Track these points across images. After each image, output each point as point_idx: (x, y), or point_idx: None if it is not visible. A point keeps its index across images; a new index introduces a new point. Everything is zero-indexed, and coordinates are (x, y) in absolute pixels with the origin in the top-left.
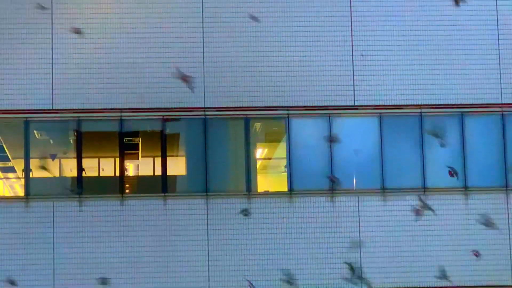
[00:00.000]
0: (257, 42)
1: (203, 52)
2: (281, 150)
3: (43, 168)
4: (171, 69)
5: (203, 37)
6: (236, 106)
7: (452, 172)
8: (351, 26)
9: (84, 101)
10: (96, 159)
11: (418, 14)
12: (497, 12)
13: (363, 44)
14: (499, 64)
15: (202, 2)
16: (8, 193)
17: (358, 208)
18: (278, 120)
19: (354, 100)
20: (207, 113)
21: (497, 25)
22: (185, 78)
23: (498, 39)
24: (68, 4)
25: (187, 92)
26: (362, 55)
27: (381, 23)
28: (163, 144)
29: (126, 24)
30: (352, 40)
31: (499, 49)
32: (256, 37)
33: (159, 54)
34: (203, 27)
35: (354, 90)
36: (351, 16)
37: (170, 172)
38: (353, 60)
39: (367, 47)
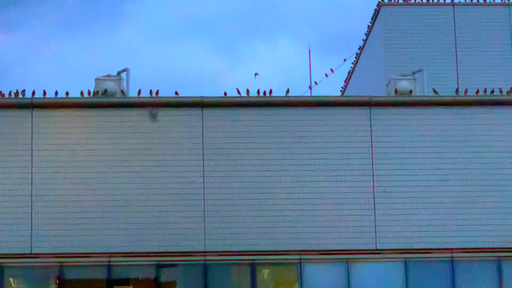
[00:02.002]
0: (264, 177)
1: (204, 188)
2: None
3: None
4: (166, 208)
5: (203, 171)
6: (240, 250)
7: None
8: (372, 159)
9: (68, 244)
10: None
11: (445, 145)
12: None
13: (386, 179)
14: None
15: (203, 136)
16: None
17: None
18: (289, 266)
19: (376, 243)
20: (207, 258)
21: None
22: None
23: None
24: (48, 136)
25: (185, 234)
26: (385, 192)
27: (405, 156)
28: None
29: (116, 156)
30: (373, 175)
31: None
32: (262, 172)
33: (153, 191)
34: (203, 159)
35: (376, 232)
36: (372, 147)
37: None
38: (374, 198)
39: (390, 183)
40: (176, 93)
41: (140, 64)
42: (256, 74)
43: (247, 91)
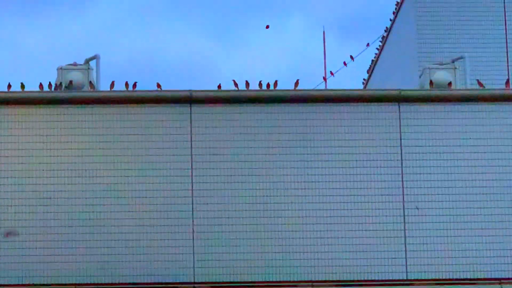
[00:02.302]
0: (267, 191)
1: (192, 204)
2: None
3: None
4: (146, 228)
5: (192, 182)
6: (238, 280)
7: None
8: (402, 167)
9: (24, 274)
10: None
11: (493, 150)
12: None
13: (419, 193)
14: None
15: (191, 138)
16: None
17: None
18: None
19: (407, 272)
20: None
21: None
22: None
23: None
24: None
25: (169, 261)
26: (418, 208)
27: (443, 164)
28: None
29: (83, 164)
30: (403, 187)
31: None
32: (265, 184)
33: (130, 207)
34: (191, 168)
35: (406, 258)
36: (401, 153)
37: None
38: (404, 216)
39: (424, 198)
40: (159, 85)
41: (113, 50)
42: (267, 26)
43: (247, 83)
